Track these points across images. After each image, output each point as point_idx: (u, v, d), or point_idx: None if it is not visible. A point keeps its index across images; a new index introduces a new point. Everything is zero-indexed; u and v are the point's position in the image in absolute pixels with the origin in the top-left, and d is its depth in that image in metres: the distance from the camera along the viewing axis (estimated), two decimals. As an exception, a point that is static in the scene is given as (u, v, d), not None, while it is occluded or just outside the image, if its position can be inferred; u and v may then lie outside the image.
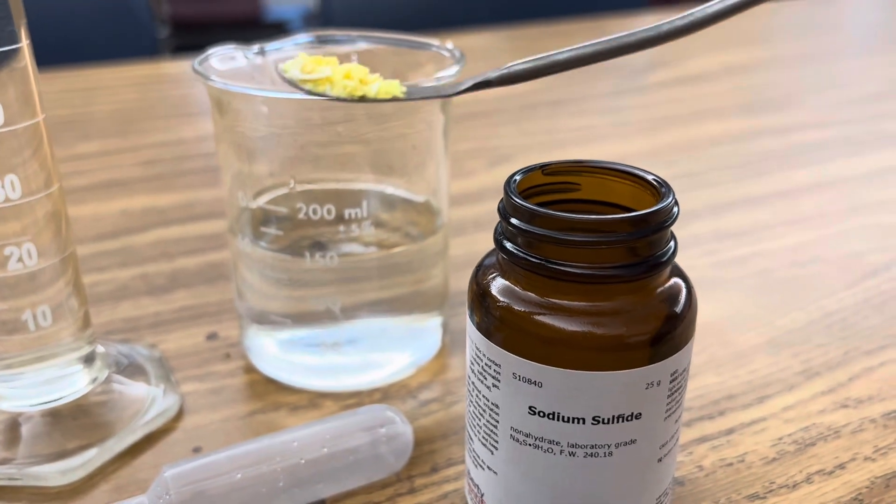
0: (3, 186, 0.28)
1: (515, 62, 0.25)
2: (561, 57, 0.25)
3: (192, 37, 1.95)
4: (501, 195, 0.24)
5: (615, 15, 1.04)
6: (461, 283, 0.42)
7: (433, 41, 0.35)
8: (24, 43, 0.27)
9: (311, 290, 0.33)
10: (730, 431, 0.33)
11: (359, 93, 0.24)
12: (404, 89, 0.26)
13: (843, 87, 0.79)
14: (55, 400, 0.32)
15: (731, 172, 0.58)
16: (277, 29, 2.19)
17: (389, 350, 0.35)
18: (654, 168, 0.24)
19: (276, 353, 0.35)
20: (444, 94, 0.28)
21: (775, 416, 0.33)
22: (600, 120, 0.70)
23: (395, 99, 0.25)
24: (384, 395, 0.35)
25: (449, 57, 0.34)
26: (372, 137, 0.33)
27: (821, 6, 1.15)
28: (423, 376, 0.36)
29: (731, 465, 0.31)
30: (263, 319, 0.35)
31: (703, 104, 0.74)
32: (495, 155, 0.61)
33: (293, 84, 0.25)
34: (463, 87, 0.26)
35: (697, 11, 0.24)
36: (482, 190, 0.55)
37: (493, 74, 0.25)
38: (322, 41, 0.37)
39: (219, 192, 0.55)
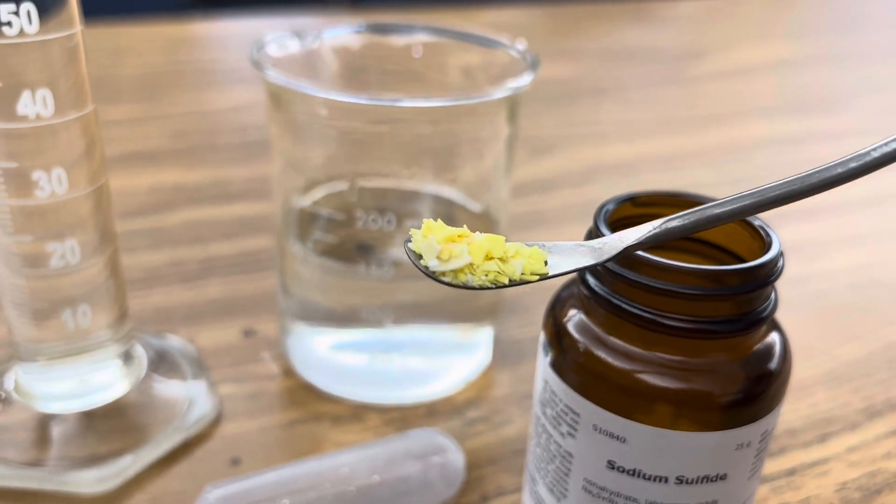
0: (49, 181, 0.26)
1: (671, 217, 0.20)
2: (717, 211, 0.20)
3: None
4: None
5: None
6: (507, 290, 0.41)
7: (503, 39, 0.33)
8: (78, 28, 0.25)
9: (362, 298, 0.32)
10: (791, 472, 0.31)
11: (503, 279, 0.19)
12: (547, 257, 0.20)
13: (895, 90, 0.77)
14: (91, 401, 0.30)
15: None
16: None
17: (439, 362, 0.34)
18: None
19: (320, 357, 0.34)
20: (596, 264, 0.20)
21: (838, 457, 0.32)
22: (644, 114, 0.67)
23: (542, 278, 0.20)
24: (429, 410, 0.33)
25: (520, 59, 0.32)
26: (435, 143, 0.31)
27: (862, 1, 1.11)
28: (470, 392, 0.34)
29: (793, 511, 0.29)
30: (310, 320, 0.33)
31: (750, 102, 0.71)
32: (536, 145, 0.59)
33: (428, 275, 0.19)
34: (612, 255, 0.20)
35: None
36: (524, 183, 0.53)
37: (644, 234, 0.20)
38: (378, 30, 0.35)
39: (252, 170, 0.53)
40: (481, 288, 0.19)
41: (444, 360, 0.34)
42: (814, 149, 0.62)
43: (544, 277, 0.20)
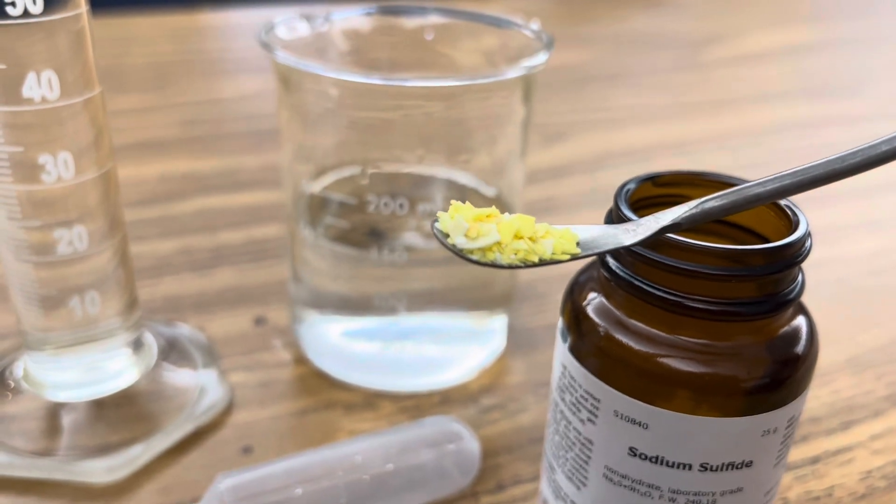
0: (56, 165, 0.25)
1: (708, 197, 0.19)
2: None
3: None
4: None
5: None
6: (520, 275, 0.40)
7: (516, 19, 0.32)
8: (84, 9, 0.25)
9: (375, 284, 0.31)
10: (815, 460, 0.30)
11: (533, 258, 0.19)
12: (579, 237, 0.20)
13: (910, 75, 0.75)
14: (100, 390, 0.30)
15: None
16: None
17: (453, 349, 0.33)
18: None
19: (332, 344, 0.33)
20: (624, 245, 0.20)
21: (862, 445, 0.31)
22: (658, 98, 0.66)
23: (573, 257, 0.19)
24: (443, 398, 0.33)
25: (534, 39, 0.31)
26: (448, 125, 0.30)
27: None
28: (484, 379, 0.34)
29: (818, 499, 0.29)
30: (322, 307, 0.33)
31: (764, 87, 0.70)
32: (549, 132, 0.58)
33: (456, 253, 0.19)
34: (647, 235, 0.19)
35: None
36: (536, 169, 0.52)
37: (680, 214, 0.19)
38: (389, 12, 0.34)
39: (262, 159, 0.52)
40: (510, 266, 0.19)
41: (458, 347, 0.33)
42: (829, 133, 0.60)
43: (576, 257, 0.19)
